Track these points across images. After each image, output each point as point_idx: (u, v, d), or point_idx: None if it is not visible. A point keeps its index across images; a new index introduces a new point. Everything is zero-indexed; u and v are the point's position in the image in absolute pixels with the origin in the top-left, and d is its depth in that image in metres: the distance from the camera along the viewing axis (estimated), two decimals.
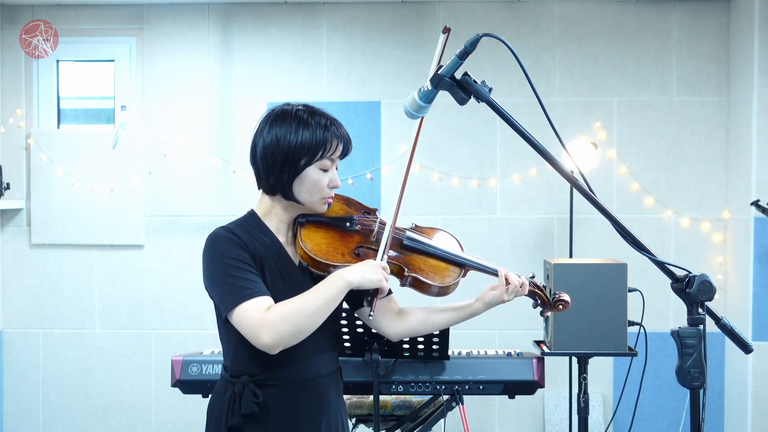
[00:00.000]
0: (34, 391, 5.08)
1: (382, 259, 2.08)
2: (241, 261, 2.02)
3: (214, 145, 4.98)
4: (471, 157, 4.96)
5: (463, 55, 1.95)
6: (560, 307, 2.24)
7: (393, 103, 4.98)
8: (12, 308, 5.07)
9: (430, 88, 2.00)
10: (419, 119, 2.09)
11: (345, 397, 3.64)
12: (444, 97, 2.03)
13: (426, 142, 4.96)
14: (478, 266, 2.21)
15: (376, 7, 4.97)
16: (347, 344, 3.22)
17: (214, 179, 4.99)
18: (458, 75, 1.98)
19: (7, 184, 4.93)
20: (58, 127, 5.12)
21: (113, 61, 5.10)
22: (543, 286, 2.27)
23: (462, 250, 2.24)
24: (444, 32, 2.05)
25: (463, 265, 2.20)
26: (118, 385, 5.06)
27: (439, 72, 1.98)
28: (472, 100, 1.98)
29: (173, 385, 3.34)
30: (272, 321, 1.95)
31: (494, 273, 2.20)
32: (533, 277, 2.25)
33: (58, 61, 5.12)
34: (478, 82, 1.97)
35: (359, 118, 4.96)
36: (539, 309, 2.28)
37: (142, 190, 5.00)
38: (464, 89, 1.97)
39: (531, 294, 2.24)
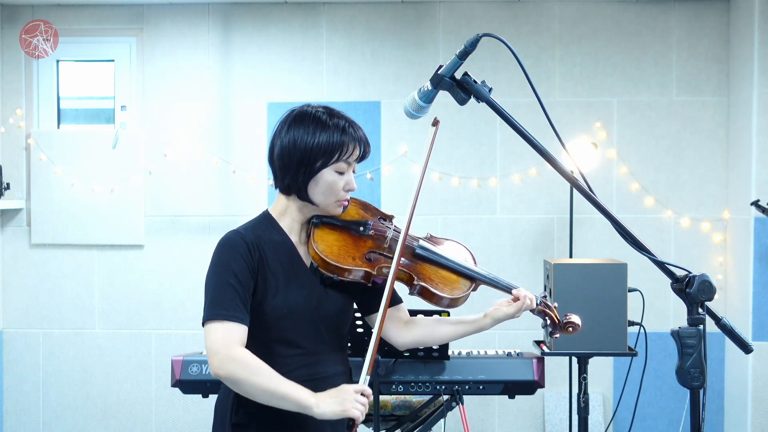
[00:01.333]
0: (34, 391, 5.08)
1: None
2: (237, 277, 2.01)
3: (214, 145, 4.98)
4: (471, 157, 4.96)
5: (463, 55, 1.95)
6: (569, 329, 2.20)
7: (393, 103, 4.97)
8: (12, 308, 5.07)
9: (430, 88, 2.00)
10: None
11: None
12: (444, 97, 2.03)
13: (425, 141, 4.94)
14: (492, 282, 2.20)
15: (376, 7, 4.97)
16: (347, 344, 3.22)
17: (214, 179, 4.98)
18: (458, 75, 1.98)
19: (7, 184, 4.93)
20: (58, 127, 5.12)
21: (113, 61, 5.10)
22: (555, 306, 2.23)
23: (475, 263, 2.23)
24: (434, 125, 2.07)
25: (475, 279, 2.19)
26: (118, 385, 5.05)
27: (439, 72, 1.98)
28: (472, 100, 1.98)
29: (173, 385, 3.34)
30: (232, 358, 1.95)
31: (508, 291, 2.19)
32: (545, 296, 2.23)
33: (58, 61, 5.11)
34: (478, 82, 1.97)
35: (359, 118, 4.88)
36: (548, 329, 2.24)
37: (142, 190, 5.00)
38: (464, 89, 1.97)
39: (541, 313, 2.21)
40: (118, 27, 5.04)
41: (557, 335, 2.23)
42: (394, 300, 2.26)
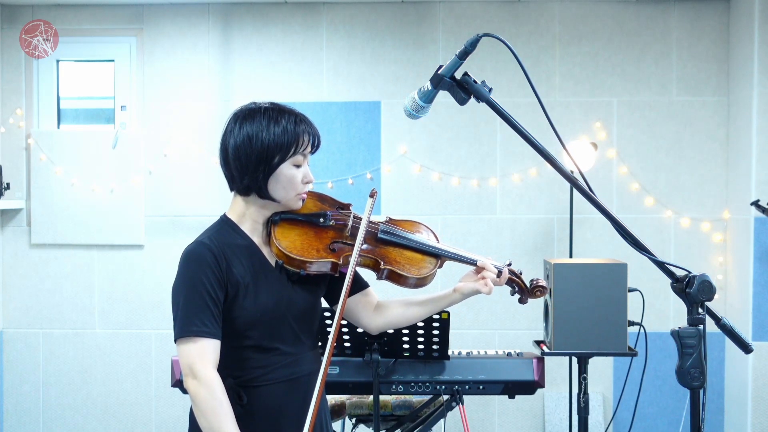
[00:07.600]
0: (34, 391, 5.08)
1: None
2: (207, 290, 2.00)
3: (214, 145, 4.91)
4: (471, 157, 4.96)
5: (463, 55, 1.95)
6: (537, 293, 2.25)
7: (393, 103, 4.97)
8: (12, 308, 5.07)
9: (430, 88, 2.00)
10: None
11: (345, 397, 3.66)
12: (444, 97, 2.03)
13: (426, 142, 4.96)
14: (456, 257, 2.22)
15: (376, 7, 4.97)
16: (347, 344, 3.22)
17: (214, 179, 4.98)
18: (458, 75, 1.98)
19: (7, 184, 4.93)
20: (58, 127, 5.12)
21: (113, 61, 5.10)
22: (519, 272, 2.27)
23: (438, 240, 2.25)
24: (371, 196, 2.09)
25: (439, 256, 2.21)
26: (118, 385, 5.06)
27: (439, 72, 1.98)
28: (472, 100, 1.98)
29: (173, 385, 3.34)
30: (203, 380, 1.96)
31: (473, 263, 2.21)
32: (510, 264, 2.25)
33: (58, 61, 5.11)
34: (478, 82, 1.97)
35: (359, 118, 4.96)
36: (517, 296, 2.28)
37: (142, 190, 5.00)
38: (464, 89, 1.97)
39: (509, 282, 2.24)
40: (118, 27, 5.04)
41: (526, 301, 2.28)
42: (361, 285, 2.27)
